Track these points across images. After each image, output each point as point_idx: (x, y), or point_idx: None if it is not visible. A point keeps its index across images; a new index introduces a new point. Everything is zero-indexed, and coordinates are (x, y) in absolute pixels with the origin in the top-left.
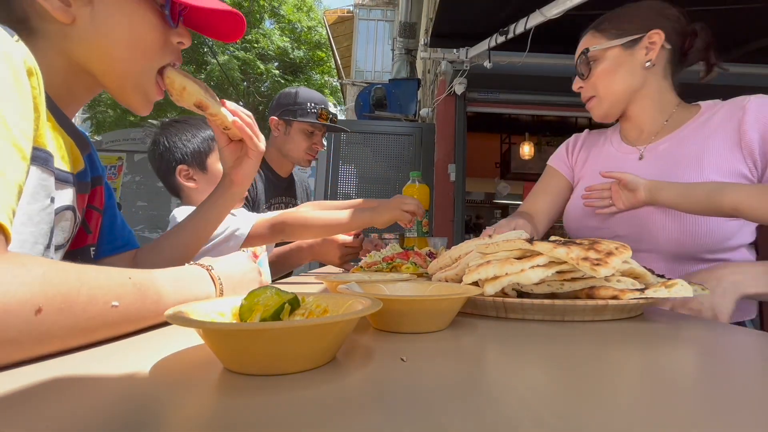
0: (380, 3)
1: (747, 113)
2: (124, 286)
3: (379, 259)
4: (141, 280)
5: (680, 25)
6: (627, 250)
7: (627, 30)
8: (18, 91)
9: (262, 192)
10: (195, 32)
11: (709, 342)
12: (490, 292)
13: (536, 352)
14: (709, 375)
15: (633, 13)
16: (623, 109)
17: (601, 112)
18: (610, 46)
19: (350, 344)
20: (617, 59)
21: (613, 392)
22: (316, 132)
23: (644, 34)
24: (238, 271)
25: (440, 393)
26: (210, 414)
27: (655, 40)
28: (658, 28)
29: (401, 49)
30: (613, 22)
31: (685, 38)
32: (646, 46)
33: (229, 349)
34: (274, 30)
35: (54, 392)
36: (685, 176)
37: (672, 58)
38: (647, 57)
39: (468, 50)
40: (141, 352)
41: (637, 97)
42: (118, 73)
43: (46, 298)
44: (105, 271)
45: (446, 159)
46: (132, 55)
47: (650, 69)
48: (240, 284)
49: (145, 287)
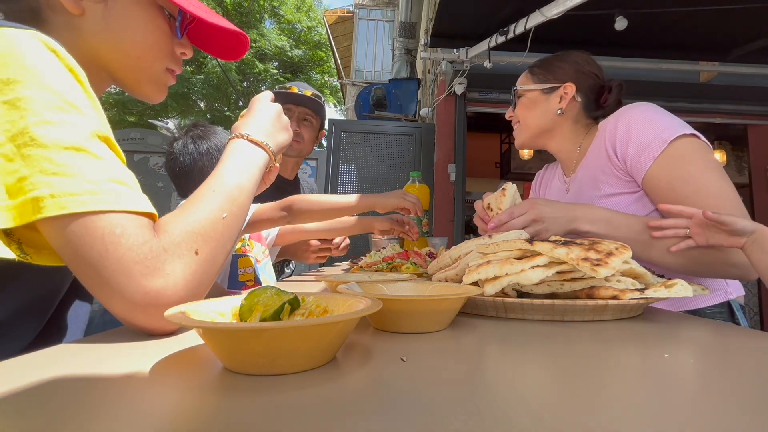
0: (380, 3)
1: (607, 130)
2: (224, 198)
3: (379, 259)
4: (228, 190)
5: (596, 82)
6: (627, 250)
7: (548, 78)
8: (88, 96)
9: (268, 193)
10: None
11: (709, 342)
12: (490, 292)
13: (536, 352)
14: (709, 375)
15: (558, 64)
16: (539, 144)
17: (519, 140)
18: (532, 89)
19: (350, 344)
20: (535, 100)
21: (613, 392)
22: (289, 114)
23: (560, 85)
24: (267, 120)
25: (440, 393)
26: (210, 414)
27: (568, 91)
28: (573, 82)
29: (401, 49)
30: (542, 68)
31: (601, 93)
32: (561, 95)
33: (229, 349)
34: (272, 30)
35: (54, 392)
36: (586, 195)
37: (586, 107)
38: (559, 105)
39: (468, 50)
40: (141, 352)
41: (552, 135)
42: (131, 68)
43: (229, 208)
44: (212, 198)
45: (446, 159)
46: (143, 55)
47: (562, 115)
48: (276, 131)
49: (232, 192)
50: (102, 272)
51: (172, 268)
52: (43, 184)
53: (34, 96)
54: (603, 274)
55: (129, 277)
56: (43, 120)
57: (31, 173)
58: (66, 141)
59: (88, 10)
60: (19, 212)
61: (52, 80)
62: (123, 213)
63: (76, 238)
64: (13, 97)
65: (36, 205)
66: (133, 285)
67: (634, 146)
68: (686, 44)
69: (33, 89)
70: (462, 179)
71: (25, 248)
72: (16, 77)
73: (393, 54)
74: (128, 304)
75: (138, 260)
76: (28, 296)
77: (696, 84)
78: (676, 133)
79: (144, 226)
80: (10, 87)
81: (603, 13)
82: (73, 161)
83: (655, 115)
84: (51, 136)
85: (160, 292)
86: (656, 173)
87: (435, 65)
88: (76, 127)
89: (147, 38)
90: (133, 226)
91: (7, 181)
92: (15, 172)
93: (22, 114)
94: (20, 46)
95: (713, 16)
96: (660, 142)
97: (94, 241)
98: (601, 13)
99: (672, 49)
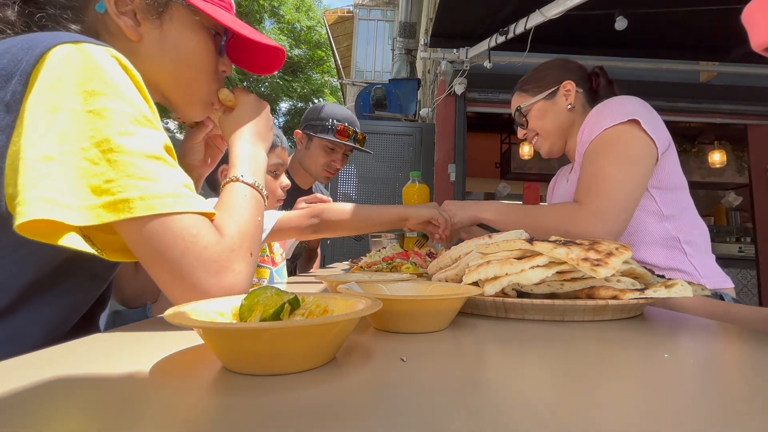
0: (380, 3)
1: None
2: (254, 203)
3: (379, 259)
4: (254, 194)
5: (583, 72)
6: (627, 250)
7: (544, 86)
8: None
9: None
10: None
11: (709, 342)
12: (490, 292)
13: (536, 352)
14: (709, 375)
15: (545, 73)
16: (563, 145)
17: (545, 149)
18: (535, 101)
19: (350, 344)
20: (543, 108)
21: (613, 392)
22: (336, 149)
23: (559, 85)
24: (260, 130)
25: (440, 393)
26: (210, 414)
27: (569, 88)
28: (568, 79)
29: (401, 49)
30: (532, 83)
31: (591, 81)
32: (563, 94)
33: (229, 349)
34: (272, 30)
35: (54, 392)
36: (573, 181)
37: (587, 98)
38: (567, 101)
39: (468, 50)
40: (141, 352)
41: (571, 132)
42: (183, 90)
43: (260, 212)
44: (238, 204)
45: (446, 159)
46: (196, 76)
47: (573, 110)
48: (264, 134)
49: (255, 197)
50: (183, 268)
51: (239, 267)
52: (132, 187)
53: (116, 108)
54: (603, 274)
55: (207, 273)
56: (126, 131)
57: (118, 177)
58: (147, 150)
59: (145, 35)
60: (103, 211)
61: (130, 95)
62: (196, 214)
63: (157, 236)
64: (98, 107)
65: (126, 205)
66: (211, 280)
67: (587, 132)
68: (686, 44)
69: (115, 102)
70: (462, 179)
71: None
72: (99, 90)
73: (393, 54)
74: (205, 297)
75: (214, 258)
76: (75, 299)
77: (696, 84)
78: (611, 122)
79: (211, 226)
80: (95, 98)
81: (603, 13)
82: (155, 168)
83: (611, 105)
84: (134, 145)
85: (232, 287)
86: (586, 156)
87: (435, 65)
88: (153, 139)
89: (200, 61)
90: (205, 226)
91: (91, 183)
92: (101, 174)
93: (106, 123)
94: (101, 61)
95: (713, 16)
96: (598, 129)
97: (175, 239)
98: (601, 13)
99: (672, 49)
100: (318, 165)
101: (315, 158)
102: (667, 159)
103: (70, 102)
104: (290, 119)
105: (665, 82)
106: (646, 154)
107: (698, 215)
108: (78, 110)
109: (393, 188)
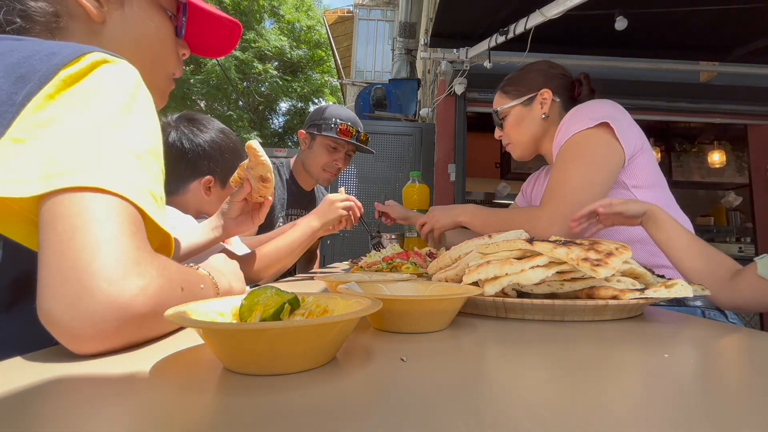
0: (380, 3)
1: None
2: (200, 278)
3: (379, 259)
4: (203, 275)
5: (566, 80)
6: (627, 250)
7: (523, 91)
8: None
9: (283, 200)
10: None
11: (709, 342)
12: (490, 292)
13: (536, 352)
14: (709, 375)
15: (526, 77)
16: (535, 151)
17: (516, 155)
18: (512, 105)
19: (350, 344)
20: (519, 115)
21: (613, 392)
22: (339, 148)
23: (537, 93)
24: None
25: (440, 393)
26: (210, 414)
27: (546, 96)
28: (547, 87)
29: (401, 49)
30: (513, 85)
31: (573, 88)
32: (540, 102)
33: (229, 349)
34: (272, 30)
35: (54, 392)
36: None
37: (564, 106)
38: (542, 111)
39: (468, 50)
40: (141, 352)
41: (543, 139)
42: (147, 72)
43: (184, 282)
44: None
45: (446, 159)
46: (156, 58)
47: (547, 119)
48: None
49: (206, 288)
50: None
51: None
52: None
53: (141, 124)
54: (603, 274)
55: (109, 280)
56: (147, 150)
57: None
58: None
59: (108, 17)
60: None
61: (151, 110)
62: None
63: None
64: (127, 118)
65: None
66: (108, 290)
67: (559, 136)
68: (686, 44)
69: (141, 118)
70: (462, 179)
71: None
72: (127, 103)
73: (393, 54)
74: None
75: (121, 272)
76: None
77: (696, 84)
78: (581, 128)
79: (150, 249)
80: (128, 108)
81: (603, 13)
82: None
83: (583, 109)
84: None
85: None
86: (555, 160)
87: (435, 65)
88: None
89: (160, 41)
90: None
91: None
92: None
93: (131, 133)
94: (128, 76)
95: (713, 16)
96: (568, 133)
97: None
98: (601, 13)
99: (672, 49)
100: (318, 164)
101: (316, 158)
102: (642, 159)
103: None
104: (290, 119)
105: (665, 82)
106: (612, 158)
107: (681, 211)
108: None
109: (393, 188)
